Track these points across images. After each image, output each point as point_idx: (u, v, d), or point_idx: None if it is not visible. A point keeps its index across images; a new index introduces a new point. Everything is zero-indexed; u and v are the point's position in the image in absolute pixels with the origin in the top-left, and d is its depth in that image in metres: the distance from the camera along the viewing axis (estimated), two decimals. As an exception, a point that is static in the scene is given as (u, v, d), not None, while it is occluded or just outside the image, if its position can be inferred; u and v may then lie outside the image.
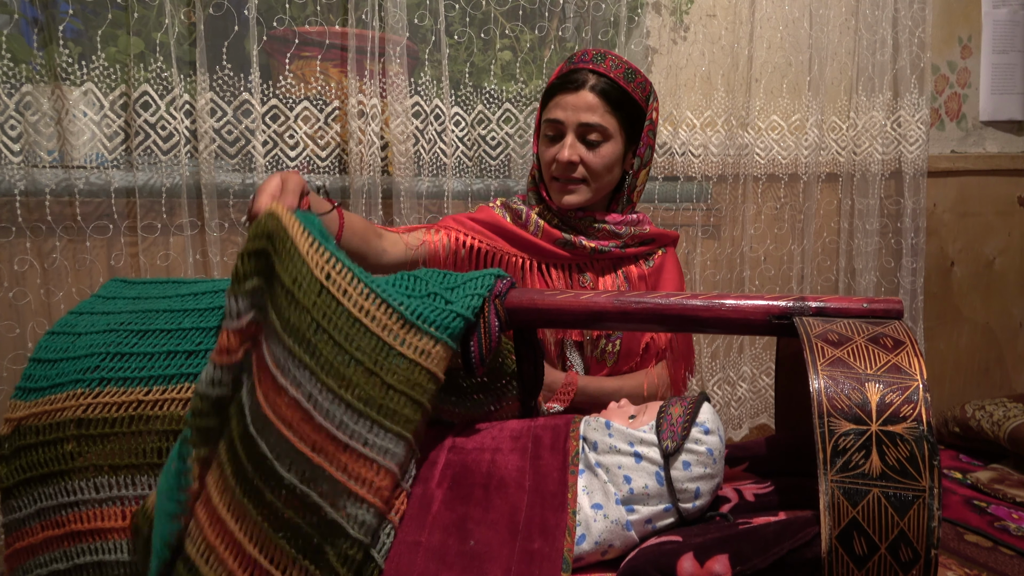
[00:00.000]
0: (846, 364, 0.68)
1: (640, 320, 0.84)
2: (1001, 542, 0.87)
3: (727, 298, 0.83)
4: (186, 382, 0.79)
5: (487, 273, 0.84)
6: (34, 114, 1.38)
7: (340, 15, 1.58)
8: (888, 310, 0.79)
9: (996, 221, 2.35)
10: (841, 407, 0.65)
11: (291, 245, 0.73)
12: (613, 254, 1.24)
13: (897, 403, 0.65)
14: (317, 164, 1.59)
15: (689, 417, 0.78)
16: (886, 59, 2.01)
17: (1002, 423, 1.18)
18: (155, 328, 0.83)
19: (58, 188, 1.40)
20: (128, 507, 0.76)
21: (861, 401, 0.65)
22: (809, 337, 0.72)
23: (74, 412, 0.77)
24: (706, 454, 0.77)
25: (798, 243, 2.06)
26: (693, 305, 0.84)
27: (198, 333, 0.82)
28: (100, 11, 1.41)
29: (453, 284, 0.82)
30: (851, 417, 0.64)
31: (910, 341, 0.70)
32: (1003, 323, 2.41)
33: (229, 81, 1.50)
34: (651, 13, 1.87)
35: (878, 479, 0.62)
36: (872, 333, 0.72)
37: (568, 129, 1.17)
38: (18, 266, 1.41)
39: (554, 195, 1.22)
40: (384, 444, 0.70)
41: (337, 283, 0.73)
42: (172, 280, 0.94)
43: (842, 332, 0.72)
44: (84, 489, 0.76)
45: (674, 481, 0.76)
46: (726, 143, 1.94)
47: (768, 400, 2.06)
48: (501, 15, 1.70)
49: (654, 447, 0.77)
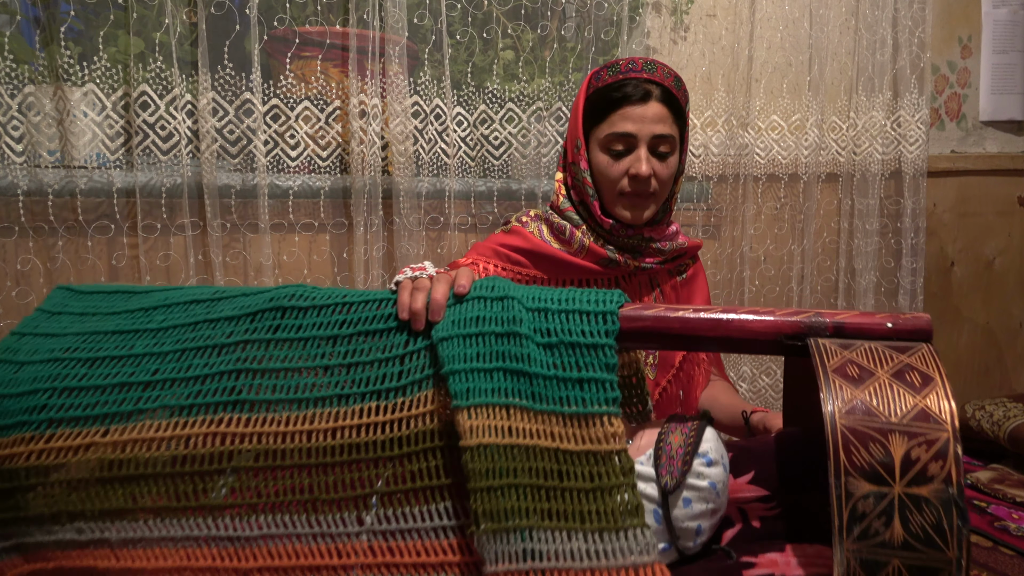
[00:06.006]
0: (868, 410, 0.61)
1: (634, 339, 0.76)
2: (1001, 542, 0.87)
3: (732, 312, 0.75)
4: (146, 419, 0.72)
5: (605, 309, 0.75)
6: (36, 115, 1.38)
7: (340, 15, 1.59)
8: (915, 330, 0.70)
9: (996, 221, 2.35)
10: (861, 464, 0.58)
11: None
12: (652, 271, 1.21)
13: (924, 460, 0.58)
14: (318, 164, 1.60)
15: (690, 448, 0.72)
16: (886, 59, 2.01)
17: (1002, 423, 1.19)
18: (104, 355, 0.77)
19: (60, 188, 1.40)
20: (117, 549, 0.70)
21: (883, 458, 0.58)
22: (826, 371, 0.64)
23: (26, 459, 0.71)
24: (709, 489, 0.71)
25: (798, 243, 2.06)
26: (695, 320, 0.75)
27: (152, 359, 0.76)
28: (101, 11, 1.41)
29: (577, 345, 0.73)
30: (872, 477, 0.58)
31: (939, 377, 0.63)
32: (1003, 323, 2.41)
33: (230, 81, 1.50)
34: (651, 13, 1.88)
35: (900, 548, 0.57)
36: (897, 365, 0.64)
37: (641, 143, 1.11)
38: (21, 265, 1.41)
39: (621, 211, 1.14)
40: (641, 544, 0.65)
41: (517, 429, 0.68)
42: (122, 290, 0.87)
43: (863, 364, 0.65)
44: (62, 531, 0.71)
45: (674, 520, 0.71)
46: (726, 143, 1.94)
47: (768, 400, 2.07)
48: (503, 15, 1.70)
49: (652, 483, 0.71)
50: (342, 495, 0.70)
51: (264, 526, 0.69)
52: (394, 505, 0.70)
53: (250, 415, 0.72)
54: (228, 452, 0.71)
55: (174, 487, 0.71)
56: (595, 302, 0.75)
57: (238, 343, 0.76)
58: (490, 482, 0.66)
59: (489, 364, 0.71)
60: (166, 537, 0.70)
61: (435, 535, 0.69)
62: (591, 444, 0.68)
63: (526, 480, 0.66)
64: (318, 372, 0.74)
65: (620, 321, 0.74)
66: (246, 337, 0.76)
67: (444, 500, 0.69)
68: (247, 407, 0.72)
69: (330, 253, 1.65)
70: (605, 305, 0.75)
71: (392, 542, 0.69)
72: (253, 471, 0.71)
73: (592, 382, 0.70)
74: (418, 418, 0.71)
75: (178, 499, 0.71)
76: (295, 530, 0.69)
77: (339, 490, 0.70)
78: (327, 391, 0.73)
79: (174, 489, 0.71)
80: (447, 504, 0.69)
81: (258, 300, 0.79)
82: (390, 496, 0.70)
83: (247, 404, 0.72)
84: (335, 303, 0.78)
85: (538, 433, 0.68)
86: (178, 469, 0.71)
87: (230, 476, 0.71)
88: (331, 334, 0.76)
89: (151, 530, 0.70)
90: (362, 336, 0.76)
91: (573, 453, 0.68)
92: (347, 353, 0.75)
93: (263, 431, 0.71)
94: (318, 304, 0.78)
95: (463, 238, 1.75)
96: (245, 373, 0.74)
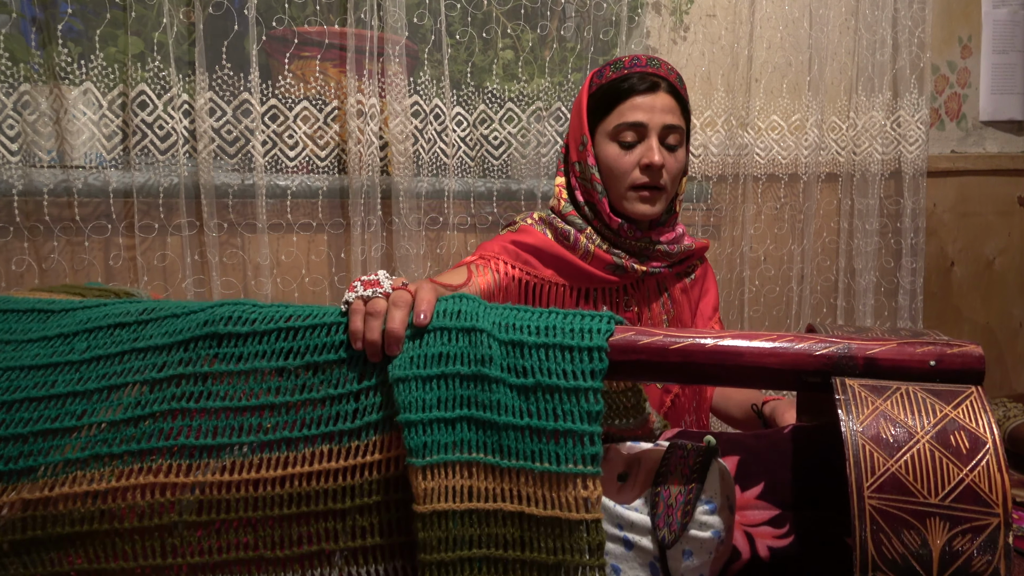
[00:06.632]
0: (903, 487, 0.51)
1: (627, 373, 0.67)
2: (1003, 543, 0.86)
3: (744, 339, 0.63)
4: (77, 470, 0.64)
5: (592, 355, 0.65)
6: (32, 113, 1.37)
7: (339, 15, 1.58)
8: (964, 371, 0.58)
9: (996, 221, 2.35)
10: (892, 557, 0.49)
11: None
12: (660, 274, 1.19)
13: (967, 552, 0.49)
14: (316, 164, 1.59)
15: (692, 495, 0.64)
16: (886, 59, 2.01)
17: (1002, 423, 1.18)
18: (22, 397, 0.68)
19: (56, 188, 1.39)
20: None
21: (919, 550, 0.49)
22: (854, 436, 0.53)
23: None
24: (712, 539, 0.64)
25: (798, 243, 2.06)
26: (699, 351, 0.64)
27: (77, 400, 0.67)
28: (99, 11, 1.41)
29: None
30: (904, 573, 0.49)
31: (993, 441, 0.52)
32: (1003, 323, 2.41)
33: (228, 81, 1.49)
34: (651, 13, 1.87)
35: None
36: (941, 421, 0.54)
37: (651, 132, 1.09)
38: (16, 266, 1.40)
39: (631, 206, 1.12)
40: None
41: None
42: (38, 308, 0.77)
43: (900, 421, 0.54)
44: None
45: (672, 572, 0.64)
46: (726, 143, 1.93)
47: (768, 400, 2.06)
48: (502, 15, 1.70)
49: (647, 536, 0.64)
50: (289, 553, 0.63)
51: None
52: (348, 565, 0.64)
53: (190, 461, 0.65)
54: (168, 504, 0.64)
55: (111, 547, 0.64)
56: (580, 332, 0.65)
57: (171, 377, 0.67)
58: (442, 556, 0.60)
59: (451, 412, 0.63)
60: None
61: None
62: (559, 510, 0.61)
63: (483, 551, 0.61)
64: (264, 412, 0.66)
65: (611, 354, 0.64)
66: (180, 371, 0.67)
67: (400, 559, 0.64)
68: (187, 453, 0.65)
69: (328, 253, 1.64)
70: (591, 339, 0.64)
71: None
72: (195, 526, 0.64)
73: (569, 435, 0.61)
74: (373, 466, 0.64)
75: (114, 559, 0.64)
76: None
77: (287, 547, 0.63)
78: (274, 433, 0.66)
79: (110, 550, 0.64)
80: (402, 563, 0.64)
81: (190, 323, 0.70)
82: (343, 555, 0.64)
83: (187, 450, 0.65)
84: (278, 328, 0.68)
85: (503, 494, 0.62)
86: (115, 526, 0.64)
87: (172, 532, 0.64)
88: (276, 365, 0.67)
89: None
90: (310, 369, 0.67)
91: (538, 519, 0.61)
92: (295, 389, 0.67)
93: (205, 481, 0.64)
94: (259, 330, 0.68)
95: (462, 238, 1.74)
96: (182, 414, 0.66)
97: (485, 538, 0.61)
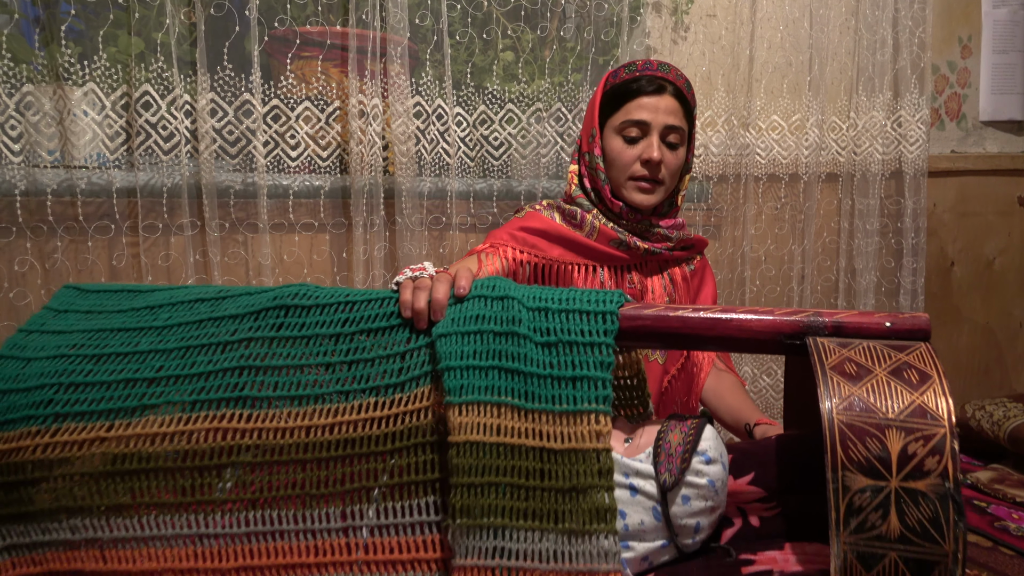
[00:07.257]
0: (865, 406, 0.62)
1: (634, 338, 0.77)
2: (1001, 542, 0.87)
3: (732, 311, 0.75)
4: (151, 414, 0.73)
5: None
6: (35, 114, 1.38)
7: (341, 15, 1.59)
8: (914, 330, 0.70)
9: (996, 221, 2.35)
10: (858, 459, 0.59)
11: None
12: (662, 256, 1.27)
13: (920, 454, 0.59)
14: (318, 164, 1.60)
15: (689, 446, 0.72)
16: (886, 59, 2.01)
17: (1002, 423, 1.19)
18: (110, 352, 0.78)
19: (59, 188, 1.40)
20: (107, 549, 0.71)
21: (880, 452, 0.59)
22: (824, 369, 0.65)
23: (32, 453, 0.72)
24: (707, 487, 0.72)
25: (798, 243, 2.06)
26: (695, 319, 0.75)
27: (157, 356, 0.77)
28: (101, 11, 1.41)
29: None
30: (869, 471, 0.59)
31: (937, 375, 0.63)
32: (1003, 323, 2.41)
33: (230, 81, 1.50)
34: (652, 13, 1.88)
35: (896, 542, 0.57)
36: (895, 363, 0.65)
37: (653, 130, 1.19)
38: (19, 266, 1.41)
39: (629, 195, 1.22)
40: (603, 550, 0.66)
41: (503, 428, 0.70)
42: (128, 288, 0.88)
43: (861, 362, 0.65)
44: (58, 530, 0.71)
45: (672, 517, 0.71)
46: (727, 143, 1.94)
47: (769, 400, 2.07)
48: (502, 15, 1.70)
49: (651, 480, 0.71)
50: (332, 490, 0.71)
51: (253, 522, 0.70)
52: (385, 500, 0.71)
53: (252, 411, 0.73)
54: (229, 448, 0.72)
55: (176, 482, 0.72)
56: (595, 302, 0.76)
57: (242, 340, 0.77)
58: (471, 479, 0.67)
59: (485, 362, 0.72)
60: (157, 536, 0.71)
61: (420, 531, 0.70)
62: (575, 442, 0.69)
63: (508, 479, 0.68)
64: (320, 369, 0.75)
65: (620, 320, 0.75)
66: (250, 335, 0.77)
67: (433, 495, 0.70)
68: (249, 403, 0.73)
69: (330, 253, 1.65)
70: (605, 305, 0.76)
71: (378, 538, 0.70)
72: (252, 467, 0.72)
73: (585, 380, 0.71)
74: (414, 413, 0.72)
75: (180, 494, 0.71)
76: (280, 526, 0.70)
77: (331, 485, 0.71)
78: (328, 388, 0.74)
79: (176, 484, 0.72)
80: (435, 499, 0.70)
81: (262, 299, 0.80)
82: (382, 491, 0.71)
83: (249, 400, 0.73)
84: (338, 302, 0.79)
85: (526, 432, 0.70)
86: (180, 464, 0.72)
87: (231, 472, 0.72)
88: (334, 332, 0.77)
89: (146, 528, 0.71)
90: (364, 334, 0.77)
91: (557, 452, 0.69)
92: (349, 351, 0.76)
93: (263, 427, 0.72)
94: (321, 303, 0.79)
95: (464, 238, 1.75)
96: (248, 370, 0.75)
97: (509, 468, 0.68)
